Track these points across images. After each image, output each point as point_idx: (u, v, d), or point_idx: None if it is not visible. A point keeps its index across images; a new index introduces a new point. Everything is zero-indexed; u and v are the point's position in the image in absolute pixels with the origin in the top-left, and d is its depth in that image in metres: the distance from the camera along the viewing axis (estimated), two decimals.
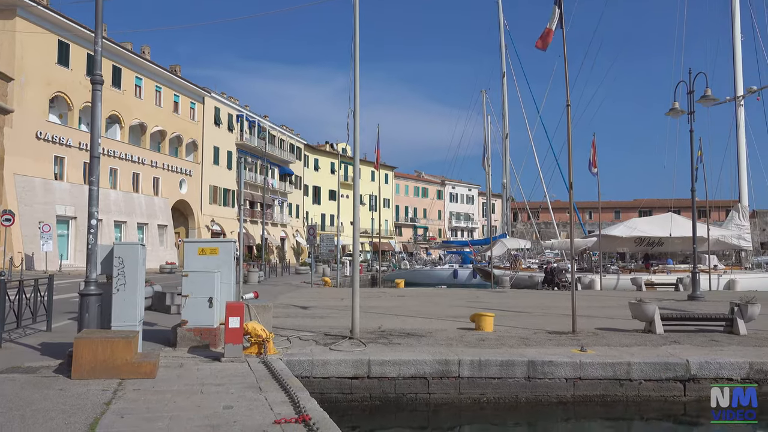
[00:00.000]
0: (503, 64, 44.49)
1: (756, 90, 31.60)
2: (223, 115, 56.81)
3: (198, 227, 51.64)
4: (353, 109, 11.05)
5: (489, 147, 40.76)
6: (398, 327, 12.16)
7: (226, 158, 56.82)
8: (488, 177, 42.88)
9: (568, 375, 8.77)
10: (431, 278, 40.36)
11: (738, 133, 32.79)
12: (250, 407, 6.02)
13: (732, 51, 32.82)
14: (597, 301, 20.18)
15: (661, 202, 58.59)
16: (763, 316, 12.46)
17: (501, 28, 44.74)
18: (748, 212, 34.88)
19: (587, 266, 34.98)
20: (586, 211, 79.76)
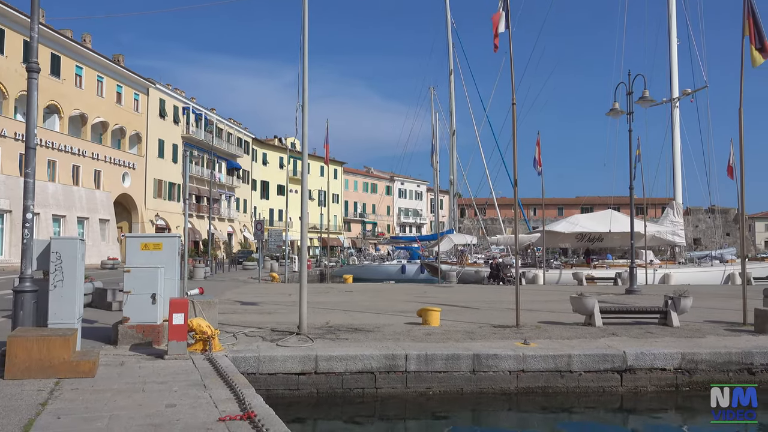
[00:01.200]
0: (450, 61, 44.97)
1: (690, 92, 32.96)
2: (169, 107, 55.49)
3: (142, 222, 50.33)
4: (302, 104, 11.00)
5: (437, 144, 41.14)
6: (346, 322, 12.19)
7: (172, 151, 55.54)
8: (436, 173, 43.34)
9: (512, 368, 8.98)
10: (380, 273, 40.51)
11: (673, 134, 34.11)
12: (194, 405, 5.94)
13: (668, 55, 34.08)
14: (540, 295, 20.68)
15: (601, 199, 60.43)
16: (694, 309, 13.04)
17: (448, 26, 45.19)
18: (682, 209, 36.34)
19: (531, 261, 35.77)
20: (531, 207, 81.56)
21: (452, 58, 45.36)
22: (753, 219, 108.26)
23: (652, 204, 41.08)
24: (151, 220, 51.54)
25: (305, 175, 11.20)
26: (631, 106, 21.51)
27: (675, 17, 34.12)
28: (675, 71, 33.91)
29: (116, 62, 48.66)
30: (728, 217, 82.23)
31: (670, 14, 34.06)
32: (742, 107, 13.15)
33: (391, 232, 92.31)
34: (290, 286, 24.98)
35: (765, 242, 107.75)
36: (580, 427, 8.53)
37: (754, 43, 12.47)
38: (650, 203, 38.88)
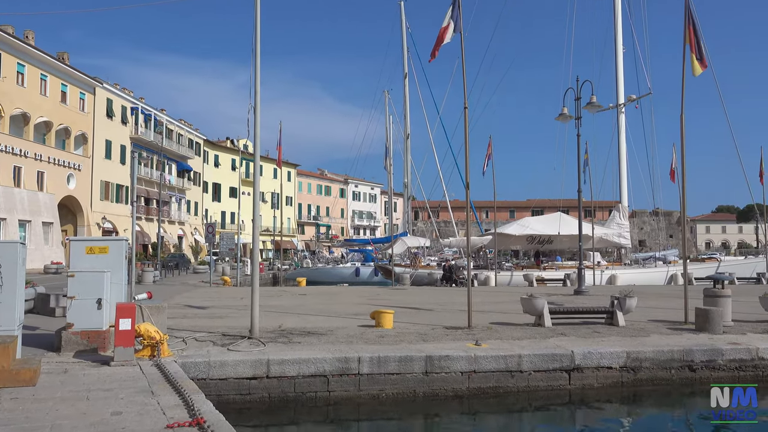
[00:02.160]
0: (405, 65, 45.29)
1: (635, 99, 33.98)
2: (116, 107, 54.05)
3: (88, 225, 48.81)
4: (254, 105, 10.87)
5: (391, 147, 41.34)
6: (299, 326, 12.10)
7: (120, 152, 54.10)
8: (390, 176, 43.52)
9: (464, 369, 9.08)
10: (333, 276, 40.39)
11: (619, 139, 35.13)
12: (141, 412, 5.80)
13: (615, 62, 35.10)
14: (492, 296, 20.98)
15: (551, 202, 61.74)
16: (639, 309, 13.46)
17: (403, 31, 45.50)
18: (628, 212, 37.45)
19: (483, 263, 36.25)
20: (483, 210, 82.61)
21: (407, 62, 45.70)
22: (694, 221, 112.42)
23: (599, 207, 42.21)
24: (98, 223, 50.07)
25: (257, 177, 11.08)
26: (579, 111, 22.05)
27: (621, 26, 35.18)
28: (621, 78, 34.95)
29: (61, 60, 47.11)
30: (671, 220, 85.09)
31: (616, 23, 35.09)
32: (683, 113, 13.64)
33: (345, 235, 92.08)
34: (242, 289, 24.65)
35: (706, 244, 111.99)
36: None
37: (694, 52, 12.96)
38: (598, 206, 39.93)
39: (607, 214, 41.98)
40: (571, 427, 8.60)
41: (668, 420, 8.87)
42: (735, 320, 12.89)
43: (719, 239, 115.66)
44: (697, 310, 11.94)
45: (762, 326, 12.49)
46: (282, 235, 49.02)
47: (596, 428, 8.53)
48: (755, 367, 10.00)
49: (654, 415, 9.05)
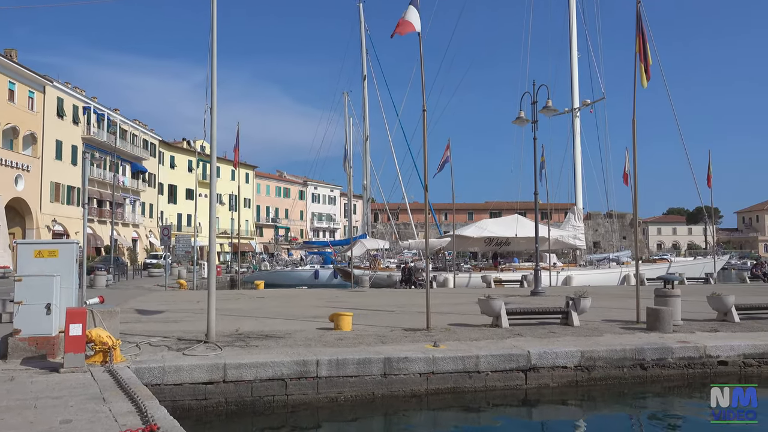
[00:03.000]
0: (364, 67, 45.38)
1: (589, 103, 34.82)
2: (68, 106, 52.53)
3: (37, 227, 47.26)
4: (210, 106, 10.72)
5: (350, 149, 41.26)
6: (257, 329, 11.96)
7: (71, 153, 52.57)
8: (349, 178, 43.38)
9: (422, 370, 9.12)
10: (292, 279, 40.06)
11: (574, 142, 35.89)
12: (92, 420, 5.64)
13: (570, 67, 35.85)
14: (450, 298, 21.13)
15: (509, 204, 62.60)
16: (593, 309, 13.75)
17: (362, 33, 45.57)
18: (583, 214, 38.26)
19: (441, 265, 36.50)
20: (442, 212, 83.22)
21: (366, 64, 45.80)
22: (646, 223, 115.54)
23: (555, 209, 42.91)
24: (48, 226, 48.55)
25: (214, 178, 10.91)
26: (536, 114, 22.44)
27: (576, 32, 35.95)
28: (576, 83, 35.73)
29: (8, 57, 45.53)
30: (625, 222, 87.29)
31: (571, 29, 35.85)
32: (635, 119, 14.01)
33: (304, 237, 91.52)
34: (199, 293, 24.24)
35: (657, 245, 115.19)
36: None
37: (643, 62, 13.33)
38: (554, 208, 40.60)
39: (563, 216, 42.80)
40: (527, 426, 8.71)
41: (622, 419, 9.07)
42: (684, 319, 13.28)
43: (670, 240, 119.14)
44: (649, 310, 12.26)
45: (709, 325, 12.91)
46: (240, 238, 48.41)
47: (551, 427, 8.66)
48: (703, 364, 10.32)
49: (607, 414, 9.24)
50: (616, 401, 9.54)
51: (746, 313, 13.98)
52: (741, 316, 13.64)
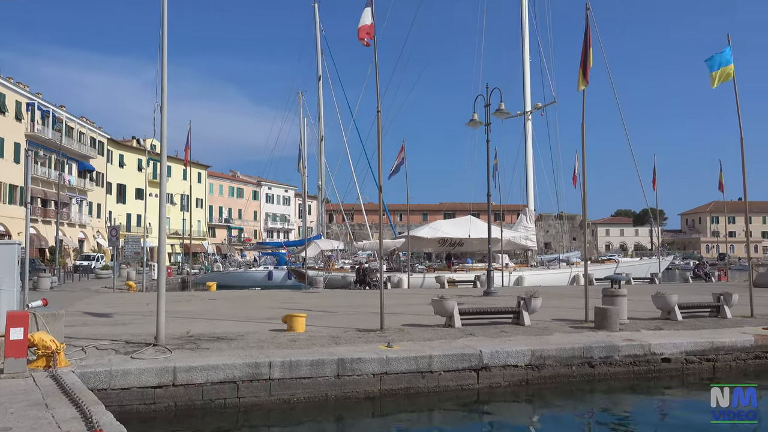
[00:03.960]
0: (319, 67, 45.18)
1: (541, 107, 35.53)
2: (10, 101, 50.59)
3: None
4: (161, 103, 10.49)
5: (305, 149, 41.08)
6: (208, 331, 11.77)
7: (13, 151, 50.64)
8: (304, 178, 43.15)
9: (376, 371, 9.13)
10: (245, 280, 39.58)
11: (526, 145, 36.56)
12: (33, 427, 5.45)
13: (522, 71, 36.50)
14: (404, 298, 21.22)
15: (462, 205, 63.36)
16: (544, 308, 14.02)
17: (317, 33, 45.38)
18: (534, 216, 39.00)
19: (396, 266, 36.64)
20: (397, 213, 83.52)
21: (321, 64, 45.60)
22: (595, 224, 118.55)
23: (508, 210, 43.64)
24: None
25: (164, 177, 10.68)
26: (489, 117, 22.75)
27: (528, 36, 36.63)
28: (528, 86, 36.40)
29: None
30: (575, 223, 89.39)
31: (524, 34, 36.51)
32: (584, 123, 14.36)
33: (258, 238, 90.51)
34: (148, 295, 23.69)
35: (605, 246, 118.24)
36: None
37: (582, 67, 13.68)
38: (506, 210, 41.26)
39: (515, 217, 43.51)
40: (479, 425, 8.82)
41: (571, 416, 9.27)
42: (631, 318, 13.68)
43: (618, 241, 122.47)
44: (596, 309, 12.58)
45: (654, 323, 13.33)
46: (191, 239, 47.48)
47: (503, 426, 8.78)
48: (648, 362, 10.65)
49: (557, 412, 9.43)
50: (566, 399, 9.75)
51: (688, 312, 14.49)
52: (683, 314, 14.13)
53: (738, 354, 11.27)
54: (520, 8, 36.71)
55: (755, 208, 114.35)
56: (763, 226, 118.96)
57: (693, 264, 56.50)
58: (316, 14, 45.33)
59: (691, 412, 9.09)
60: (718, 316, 14.44)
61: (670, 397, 10.07)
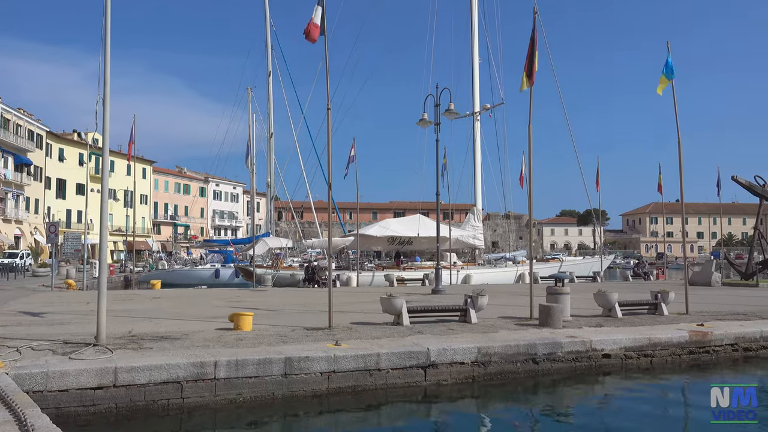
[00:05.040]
0: (269, 63, 44.69)
1: (489, 108, 36.13)
2: None
3: None
4: (103, 96, 10.17)
5: (254, 145, 40.49)
6: (151, 330, 11.49)
7: None
8: (253, 175, 42.57)
9: (323, 369, 9.10)
10: (191, 278, 38.83)
11: (475, 145, 37.10)
12: None
13: (471, 72, 37.01)
14: (353, 297, 21.23)
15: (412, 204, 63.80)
16: (490, 306, 14.26)
17: (267, 28, 44.88)
18: (482, 215, 39.60)
19: (345, 264, 36.62)
20: (347, 211, 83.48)
21: (271, 60, 45.10)
22: (541, 224, 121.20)
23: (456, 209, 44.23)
24: None
25: (106, 172, 10.36)
26: (439, 117, 22.98)
27: (477, 38, 37.14)
28: (477, 87, 36.93)
29: None
30: (521, 222, 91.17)
31: (473, 37, 37.01)
32: (531, 125, 14.65)
33: (204, 235, 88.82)
34: (89, 293, 22.95)
35: (551, 245, 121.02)
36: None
37: (527, 69, 13.98)
38: (455, 209, 41.83)
39: (463, 216, 44.11)
40: (425, 422, 8.89)
41: (515, 412, 9.45)
42: (573, 315, 14.05)
43: (562, 241, 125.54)
44: (541, 307, 12.86)
45: (596, 320, 13.73)
46: (135, 236, 46.28)
47: (449, 423, 8.88)
48: (589, 357, 10.96)
49: (502, 408, 9.60)
50: (510, 395, 9.93)
51: (628, 309, 14.98)
52: (623, 312, 14.60)
53: (673, 349, 11.73)
54: (470, 11, 37.21)
55: (691, 210, 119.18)
56: (699, 226, 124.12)
57: (633, 263, 58.50)
58: (266, 8, 44.84)
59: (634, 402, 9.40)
60: (656, 313, 14.99)
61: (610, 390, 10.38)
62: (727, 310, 16.11)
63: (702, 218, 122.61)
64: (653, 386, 10.59)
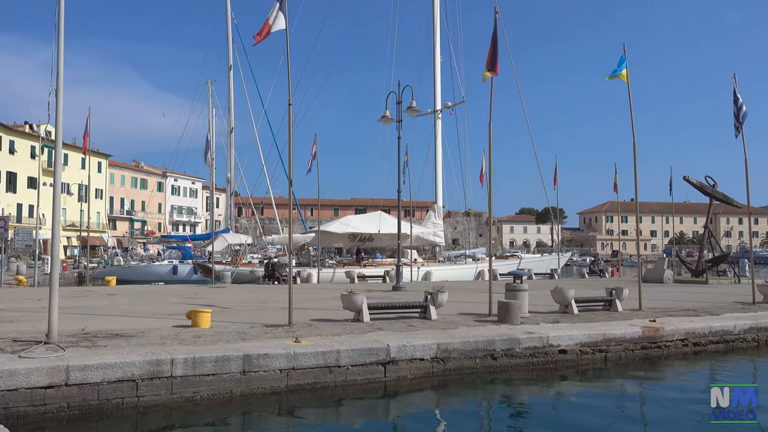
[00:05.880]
0: (230, 57, 44.07)
1: (450, 106, 36.39)
2: None
3: None
4: (56, 87, 9.87)
5: (213, 140, 39.86)
6: (106, 328, 11.23)
7: None
8: (212, 170, 41.83)
9: (283, 366, 9.04)
10: (148, 275, 38.11)
11: (436, 143, 37.33)
12: None
13: (433, 70, 37.22)
14: (314, 293, 21.14)
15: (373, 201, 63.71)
16: (450, 303, 14.38)
17: (228, 21, 44.24)
18: (443, 213, 39.90)
19: (305, 261, 36.44)
20: (309, 207, 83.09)
21: (232, 54, 44.47)
22: (501, 222, 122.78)
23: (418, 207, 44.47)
24: None
25: (59, 165, 10.07)
26: (400, 114, 23.03)
27: (439, 38, 37.37)
28: (438, 85, 37.15)
29: None
30: (481, 220, 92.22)
31: (435, 34, 37.20)
32: (491, 122, 14.81)
33: (162, 231, 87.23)
34: (40, 290, 22.31)
35: (510, 242, 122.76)
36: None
37: (487, 65, 14.17)
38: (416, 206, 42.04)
39: (424, 213, 44.36)
40: (385, 418, 8.92)
41: (474, 407, 9.55)
42: (531, 311, 14.27)
43: (521, 238, 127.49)
44: (499, 304, 13.03)
45: (553, 316, 13.98)
46: (90, 231, 45.12)
47: (409, 419, 8.93)
48: (546, 353, 11.15)
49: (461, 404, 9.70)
50: (469, 390, 10.04)
51: (584, 306, 15.30)
52: (579, 308, 14.91)
53: (627, 345, 12.02)
54: (432, 11, 37.39)
55: (645, 209, 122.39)
56: (653, 225, 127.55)
57: (589, 261, 59.76)
58: (227, 2, 44.17)
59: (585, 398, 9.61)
60: (611, 310, 15.34)
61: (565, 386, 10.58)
62: (678, 307, 16.60)
63: (655, 217, 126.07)
64: (604, 383, 10.86)
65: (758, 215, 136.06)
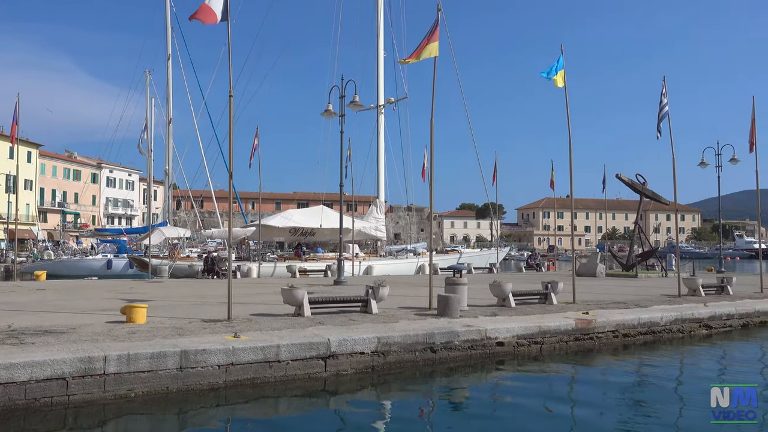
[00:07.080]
0: (169, 46, 42.97)
1: (393, 101, 36.58)
2: None
3: None
4: None
5: (151, 131, 38.84)
6: (34, 324, 10.79)
7: None
8: (150, 162, 40.73)
9: (221, 362, 8.91)
10: (81, 269, 36.80)
11: (378, 138, 37.47)
12: None
13: (376, 66, 37.29)
14: (254, 288, 20.90)
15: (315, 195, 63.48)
16: (391, 297, 14.49)
17: (167, 10, 43.07)
18: (385, 207, 40.09)
19: (246, 255, 35.97)
20: (250, 201, 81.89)
21: (171, 43, 43.35)
22: (442, 217, 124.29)
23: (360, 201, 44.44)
24: None
25: None
26: (344, 108, 22.98)
27: (383, 33, 37.45)
28: (381, 81, 37.28)
29: None
30: (423, 215, 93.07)
31: (378, 30, 37.28)
32: (433, 119, 14.97)
33: (96, 224, 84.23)
34: None
35: (450, 237, 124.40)
36: None
37: (417, 53, 14.39)
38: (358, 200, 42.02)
39: (366, 208, 44.42)
40: (322, 411, 8.92)
41: (415, 399, 9.67)
42: (470, 305, 14.53)
43: (462, 233, 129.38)
44: (439, 297, 13.22)
45: (491, 309, 14.29)
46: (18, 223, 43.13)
47: (345, 413, 8.96)
48: (484, 345, 11.39)
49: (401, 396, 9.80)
50: (409, 383, 10.15)
51: (521, 299, 15.69)
52: (517, 301, 15.28)
53: (561, 336, 12.42)
54: (376, 5, 37.43)
55: (580, 205, 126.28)
56: (587, 221, 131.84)
57: (526, 255, 61.23)
58: None
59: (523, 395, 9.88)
60: (546, 303, 15.80)
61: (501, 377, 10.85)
62: (609, 300, 17.24)
63: (590, 213, 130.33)
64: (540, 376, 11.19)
65: (685, 212, 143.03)
